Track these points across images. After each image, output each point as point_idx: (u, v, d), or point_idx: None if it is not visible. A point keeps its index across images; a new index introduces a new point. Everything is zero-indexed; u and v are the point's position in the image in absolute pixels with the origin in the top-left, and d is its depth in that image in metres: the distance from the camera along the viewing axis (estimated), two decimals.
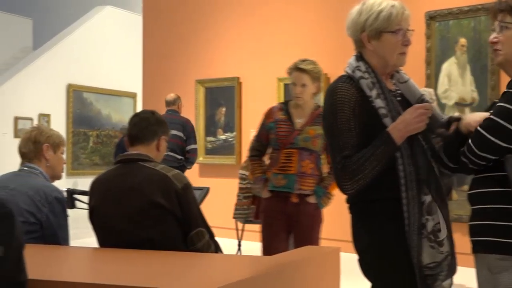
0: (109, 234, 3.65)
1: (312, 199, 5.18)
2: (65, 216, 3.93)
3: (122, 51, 17.60)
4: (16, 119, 15.45)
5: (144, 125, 3.82)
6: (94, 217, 3.75)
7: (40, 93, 16.01)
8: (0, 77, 16.16)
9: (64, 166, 4.28)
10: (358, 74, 2.89)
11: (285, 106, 5.25)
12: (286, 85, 10.20)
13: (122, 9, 18.29)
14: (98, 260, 3.39)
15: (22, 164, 4.06)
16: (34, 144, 4.06)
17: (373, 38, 2.91)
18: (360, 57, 2.96)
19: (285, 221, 5.17)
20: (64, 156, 4.29)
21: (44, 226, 3.81)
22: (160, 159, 3.86)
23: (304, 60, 5.19)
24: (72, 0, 20.31)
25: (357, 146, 2.79)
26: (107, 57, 17.42)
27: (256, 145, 5.34)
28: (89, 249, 3.77)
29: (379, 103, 2.82)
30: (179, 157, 8.82)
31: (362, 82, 2.87)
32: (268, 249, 5.09)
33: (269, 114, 5.27)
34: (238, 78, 10.90)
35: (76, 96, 16.84)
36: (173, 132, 8.57)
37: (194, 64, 11.56)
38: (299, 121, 5.16)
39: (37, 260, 2.64)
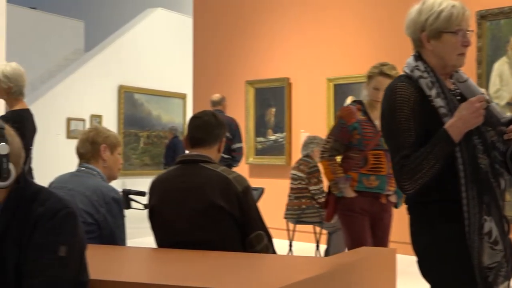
0: (168, 234, 3.66)
1: (393, 199, 5.22)
2: (122, 217, 3.95)
3: (172, 53, 17.70)
4: (69, 120, 15.62)
5: (208, 129, 3.81)
6: (153, 217, 3.77)
7: (92, 95, 16.18)
8: (53, 79, 16.36)
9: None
10: (417, 73, 2.86)
11: (363, 107, 5.22)
12: (335, 86, 10.18)
13: (173, 11, 18.38)
14: (157, 260, 3.41)
15: (80, 165, 4.09)
16: (92, 144, 4.08)
17: (433, 38, 2.87)
18: (418, 56, 2.93)
19: (367, 220, 5.16)
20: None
21: (102, 227, 3.83)
22: (219, 159, 3.87)
23: (385, 64, 5.08)
24: (123, 3, 20.51)
25: (416, 145, 2.76)
26: (158, 58, 17.53)
27: (335, 145, 5.21)
28: (147, 249, 3.80)
29: (439, 102, 2.79)
30: (226, 156, 8.86)
31: (422, 81, 2.84)
32: (359, 240, 5.01)
33: (350, 114, 5.18)
34: (288, 78, 10.89)
35: (127, 97, 16.98)
36: None
37: (244, 65, 11.58)
38: (379, 123, 5.09)
39: (96, 260, 2.66)
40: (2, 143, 2.38)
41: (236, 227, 3.59)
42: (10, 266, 2.38)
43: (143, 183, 7.74)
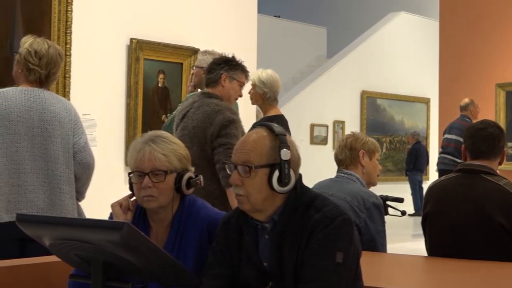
0: (439, 243, 3.58)
1: None
2: (383, 222, 3.93)
3: (415, 57, 17.45)
4: (312, 126, 15.88)
5: (494, 142, 3.68)
6: (427, 224, 3.71)
7: (335, 101, 16.33)
8: (296, 86, 16.73)
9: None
10: None
11: None
12: None
13: (416, 15, 18.12)
14: (428, 268, 3.35)
15: (339, 171, 4.12)
16: (350, 151, 4.09)
17: None
18: None
19: None
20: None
21: (362, 232, 3.81)
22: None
23: None
24: (365, 8, 20.55)
25: None
26: (400, 63, 17.36)
27: None
28: (413, 257, 3.75)
29: None
30: (459, 160, 8.62)
31: None
32: None
33: None
34: None
35: (370, 102, 16.98)
36: (453, 137, 9.65)
37: (494, 67, 11.15)
38: None
39: (363, 267, 2.62)
40: (284, 149, 2.43)
41: None
42: (287, 270, 2.42)
43: (386, 189, 7.62)
